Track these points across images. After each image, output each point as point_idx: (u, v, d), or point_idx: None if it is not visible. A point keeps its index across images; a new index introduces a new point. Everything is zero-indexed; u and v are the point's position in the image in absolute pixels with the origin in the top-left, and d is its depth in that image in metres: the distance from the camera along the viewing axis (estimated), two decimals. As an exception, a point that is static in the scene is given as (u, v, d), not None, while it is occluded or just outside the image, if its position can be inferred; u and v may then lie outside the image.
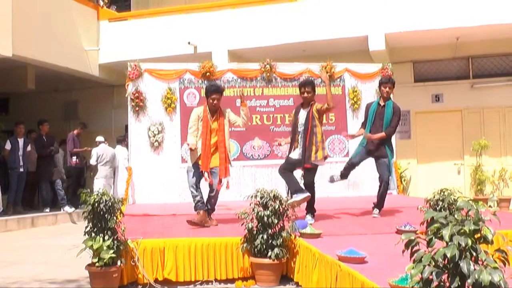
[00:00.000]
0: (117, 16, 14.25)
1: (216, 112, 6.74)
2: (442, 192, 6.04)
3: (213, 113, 6.73)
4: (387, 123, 7.26)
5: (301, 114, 6.89)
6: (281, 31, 12.27)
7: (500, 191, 12.26)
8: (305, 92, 6.85)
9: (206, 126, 6.65)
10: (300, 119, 6.85)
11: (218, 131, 6.68)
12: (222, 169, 6.65)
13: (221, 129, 6.70)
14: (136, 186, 9.74)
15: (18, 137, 11.54)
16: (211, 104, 6.68)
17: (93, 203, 5.25)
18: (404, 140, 12.82)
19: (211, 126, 6.68)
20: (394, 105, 7.37)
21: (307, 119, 6.75)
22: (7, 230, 10.29)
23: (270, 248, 5.45)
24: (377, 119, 7.30)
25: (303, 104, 6.97)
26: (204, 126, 6.66)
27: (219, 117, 6.73)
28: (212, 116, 6.71)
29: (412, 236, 2.91)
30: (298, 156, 6.78)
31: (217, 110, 6.74)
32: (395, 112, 7.30)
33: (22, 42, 11.03)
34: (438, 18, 11.38)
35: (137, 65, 9.90)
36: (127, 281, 5.45)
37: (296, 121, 6.92)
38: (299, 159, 6.77)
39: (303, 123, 6.77)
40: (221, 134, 6.69)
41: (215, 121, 6.71)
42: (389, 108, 7.28)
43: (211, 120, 6.70)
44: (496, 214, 2.82)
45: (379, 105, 7.37)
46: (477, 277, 2.60)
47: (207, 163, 6.60)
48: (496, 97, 12.57)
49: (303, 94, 6.87)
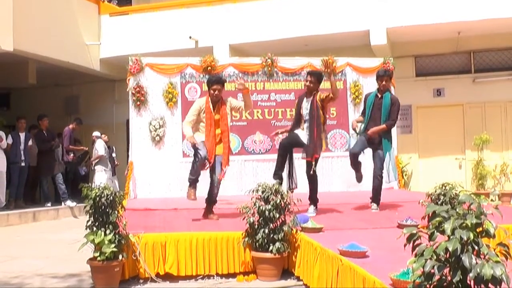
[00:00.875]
0: (118, 11, 14.23)
1: (218, 102, 6.77)
2: (443, 186, 6.03)
3: (214, 104, 6.75)
4: (386, 115, 7.24)
5: (304, 103, 6.95)
6: (283, 25, 12.24)
7: (501, 185, 12.28)
8: (307, 81, 6.95)
9: (210, 117, 6.68)
10: (304, 108, 6.92)
11: (221, 121, 6.71)
12: (225, 158, 6.67)
13: (224, 119, 6.73)
14: (137, 181, 9.74)
15: (19, 131, 11.55)
16: (213, 95, 6.71)
17: (95, 197, 5.25)
18: (405, 135, 12.81)
19: (214, 117, 6.70)
20: (392, 97, 7.38)
21: (311, 108, 6.82)
22: (8, 224, 10.30)
23: (272, 242, 5.45)
24: (374, 111, 7.27)
25: (306, 93, 7.03)
26: (208, 118, 6.69)
27: (221, 107, 6.76)
28: (214, 107, 6.73)
29: (414, 230, 2.90)
30: (306, 141, 6.82)
31: (219, 100, 6.77)
32: (393, 103, 7.28)
33: (23, 37, 11.00)
34: (439, 12, 11.35)
35: (138, 60, 9.89)
36: (129, 275, 5.46)
37: (299, 110, 6.98)
38: (303, 144, 6.83)
39: (307, 112, 6.85)
40: (224, 124, 6.71)
41: (217, 113, 6.73)
42: (386, 100, 7.26)
43: (214, 111, 6.71)
44: (498, 208, 2.81)
45: (377, 96, 7.33)
46: (479, 271, 2.59)
47: (212, 153, 6.62)
48: (497, 92, 12.55)
49: (306, 83, 7.00)
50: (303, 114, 6.92)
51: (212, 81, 6.78)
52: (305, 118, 6.89)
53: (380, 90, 7.37)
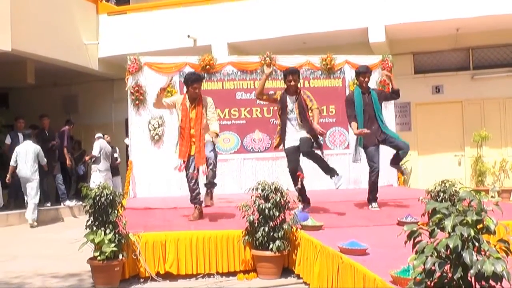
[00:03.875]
0: (116, 10, 14.21)
1: (195, 100, 6.62)
2: (443, 183, 6.03)
3: (192, 101, 6.62)
4: (379, 107, 7.24)
5: (289, 101, 6.90)
6: (281, 23, 12.22)
7: (500, 182, 12.28)
8: (292, 80, 6.89)
9: (185, 115, 6.56)
10: (290, 106, 6.87)
11: (195, 120, 6.55)
12: (198, 156, 6.46)
13: (198, 117, 6.56)
14: (136, 180, 9.74)
15: (18, 131, 11.51)
16: (193, 92, 6.57)
17: (94, 196, 5.25)
18: (404, 132, 12.79)
19: (190, 115, 6.56)
20: (375, 89, 7.50)
21: (300, 106, 6.80)
22: (8, 224, 10.29)
23: (272, 240, 5.46)
24: (366, 108, 7.20)
25: (288, 92, 6.96)
26: (184, 115, 6.57)
27: (198, 105, 6.59)
28: (191, 104, 6.60)
29: (414, 227, 2.90)
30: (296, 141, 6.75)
31: (196, 98, 6.63)
32: (380, 91, 7.46)
33: (22, 37, 10.99)
34: (438, 9, 11.34)
35: (136, 59, 9.89)
36: (129, 274, 5.46)
37: (285, 109, 6.88)
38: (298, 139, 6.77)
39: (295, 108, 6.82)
40: (198, 123, 6.53)
41: (193, 110, 6.58)
42: (373, 93, 7.28)
43: (190, 108, 6.58)
44: (498, 204, 2.81)
45: (364, 94, 7.26)
46: (480, 267, 2.59)
47: (185, 152, 6.52)
48: (496, 88, 12.55)
49: (290, 83, 6.90)
50: (288, 111, 6.86)
51: (191, 79, 6.59)
52: (290, 116, 6.85)
53: (363, 86, 7.32)
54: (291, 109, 6.87)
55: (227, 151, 10.02)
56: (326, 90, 10.28)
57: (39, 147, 10.88)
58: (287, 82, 6.94)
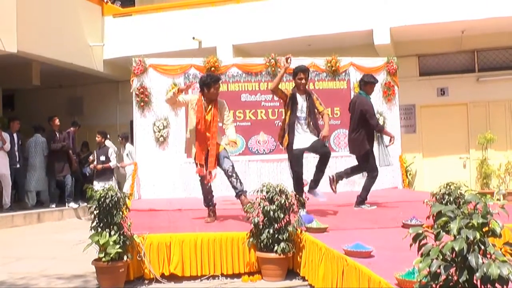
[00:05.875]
0: (122, 12, 14.26)
1: (212, 102, 6.53)
2: (448, 186, 6.01)
3: (208, 103, 6.52)
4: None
5: (300, 99, 6.90)
6: (286, 25, 12.23)
7: (506, 184, 12.25)
8: (303, 78, 6.90)
9: (201, 116, 6.45)
10: (300, 104, 6.87)
11: (211, 123, 6.48)
12: (211, 161, 6.44)
13: (214, 120, 6.49)
14: (141, 181, 9.76)
15: (13, 132, 11.39)
16: (215, 93, 6.48)
17: (99, 198, 5.26)
18: (409, 134, 12.80)
19: (206, 117, 6.48)
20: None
21: (311, 106, 6.85)
22: (13, 225, 10.33)
23: (276, 242, 5.45)
24: None
25: (298, 90, 6.96)
26: (199, 116, 6.45)
27: (214, 107, 6.51)
28: (208, 106, 6.51)
29: (420, 230, 2.89)
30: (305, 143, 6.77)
31: (214, 99, 6.54)
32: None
33: (27, 38, 11.03)
34: (443, 11, 11.33)
35: (141, 61, 9.91)
36: (134, 276, 5.46)
37: (295, 106, 6.87)
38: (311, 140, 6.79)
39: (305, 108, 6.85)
40: (214, 126, 6.48)
41: (209, 112, 6.49)
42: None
43: (206, 111, 6.50)
44: (504, 208, 2.80)
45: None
46: (486, 270, 2.58)
47: (201, 155, 6.46)
48: (501, 91, 12.52)
49: (301, 80, 6.90)
50: (298, 109, 6.86)
51: (214, 79, 6.54)
52: (299, 115, 6.86)
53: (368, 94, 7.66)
54: (301, 108, 6.86)
55: (232, 153, 9.99)
56: (331, 92, 10.27)
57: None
58: (298, 80, 6.92)
